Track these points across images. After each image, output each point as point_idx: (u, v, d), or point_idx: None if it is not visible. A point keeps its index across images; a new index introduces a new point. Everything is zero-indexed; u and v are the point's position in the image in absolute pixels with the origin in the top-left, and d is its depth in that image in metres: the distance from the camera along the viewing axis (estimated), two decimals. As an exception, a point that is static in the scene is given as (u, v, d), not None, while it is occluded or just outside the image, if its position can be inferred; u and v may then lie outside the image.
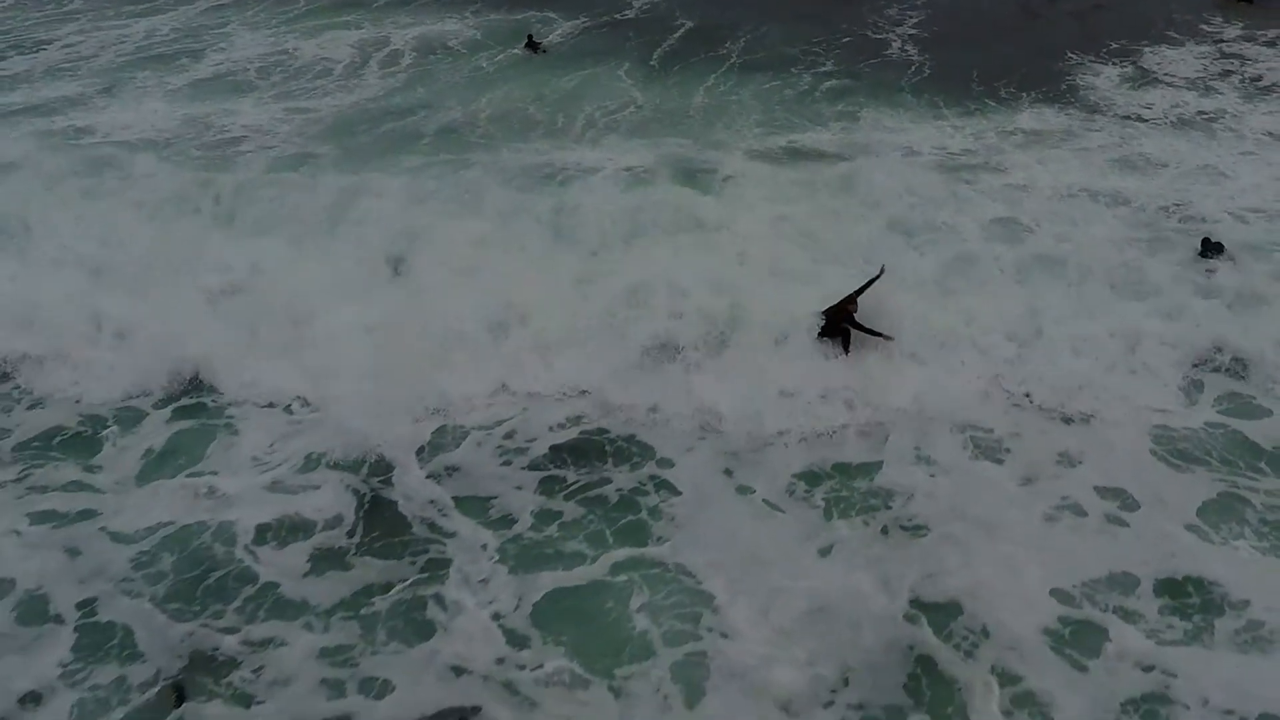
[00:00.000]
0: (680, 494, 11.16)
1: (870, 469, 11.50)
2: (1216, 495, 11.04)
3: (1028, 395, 12.58)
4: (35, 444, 12.30)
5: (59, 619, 9.64)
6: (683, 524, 10.73)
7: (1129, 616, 9.63)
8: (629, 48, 25.35)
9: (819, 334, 12.99)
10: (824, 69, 23.75)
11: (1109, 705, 8.79)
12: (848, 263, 14.44)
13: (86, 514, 11.08)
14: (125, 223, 16.24)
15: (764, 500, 11.11)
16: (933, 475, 11.37)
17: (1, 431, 12.54)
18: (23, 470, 11.84)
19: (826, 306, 13.11)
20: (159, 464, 11.90)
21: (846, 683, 8.97)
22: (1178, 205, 16.42)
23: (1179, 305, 13.71)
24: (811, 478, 11.40)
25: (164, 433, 12.45)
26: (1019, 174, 17.55)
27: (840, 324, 12.98)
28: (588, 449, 11.92)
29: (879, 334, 12.87)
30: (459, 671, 9.03)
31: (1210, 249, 14.69)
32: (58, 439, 12.38)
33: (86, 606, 9.77)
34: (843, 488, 11.26)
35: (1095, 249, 14.93)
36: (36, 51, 26.79)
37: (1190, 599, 9.82)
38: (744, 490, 11.25)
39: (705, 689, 8.86)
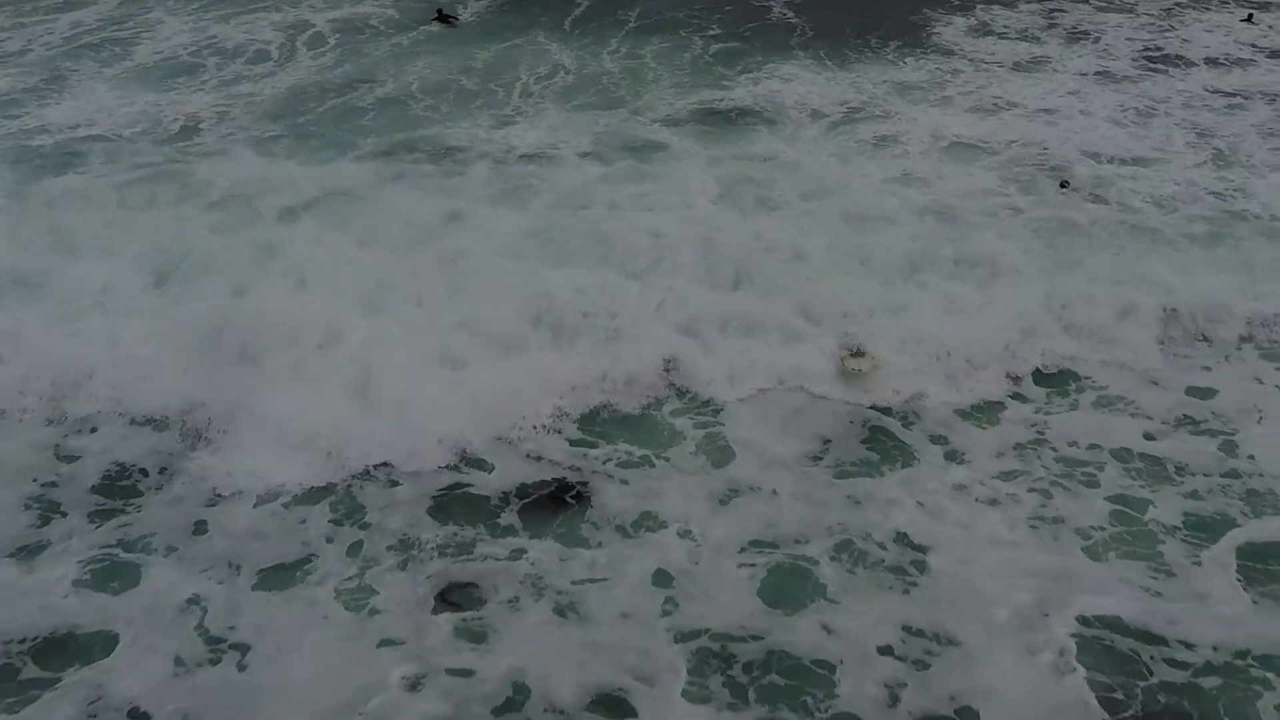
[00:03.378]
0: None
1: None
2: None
3: None
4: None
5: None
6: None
7: (1018, 398, 13.38)
8: (541, 21, 28.14)
9: None
10: (713, 32, 26.98)
11: (1007, 449, 12.42)
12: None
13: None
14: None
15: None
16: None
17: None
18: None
19: None
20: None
21: (827, 448, 12.44)
22: (1042, 150, 19.73)
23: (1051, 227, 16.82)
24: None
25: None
26: (903, 123, 20.80)
27: None
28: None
29: None
30: (538, 459, 12.14)
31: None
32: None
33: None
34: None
35: (973, 193, 17.98)
36: (-34, 51, 27.77)
37: (1068, 384, 13.63)
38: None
39: (732, 454, 12.27)
